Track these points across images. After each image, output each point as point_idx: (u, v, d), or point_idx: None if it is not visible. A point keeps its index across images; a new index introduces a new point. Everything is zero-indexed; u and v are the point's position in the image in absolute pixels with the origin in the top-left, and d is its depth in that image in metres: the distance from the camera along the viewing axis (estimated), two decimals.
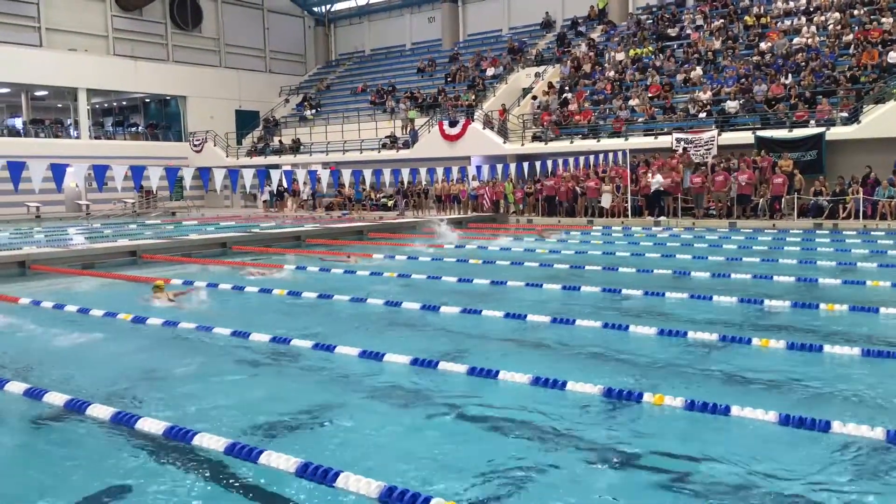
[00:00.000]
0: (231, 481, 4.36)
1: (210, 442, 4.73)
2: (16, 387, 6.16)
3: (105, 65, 37.32)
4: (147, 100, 42.98)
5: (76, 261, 14.77)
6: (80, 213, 33.33)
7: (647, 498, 4.10)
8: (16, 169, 13.69)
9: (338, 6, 48.25)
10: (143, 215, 33.15)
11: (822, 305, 9.02)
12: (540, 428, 5.13)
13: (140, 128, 42.19)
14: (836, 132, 21.92)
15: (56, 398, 5.79)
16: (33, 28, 35.81)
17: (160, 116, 42.82)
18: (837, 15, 27.15)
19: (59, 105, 40.25)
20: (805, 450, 4.67)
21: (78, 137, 36.93)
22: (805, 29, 27.13)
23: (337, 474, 4.14)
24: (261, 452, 4.48)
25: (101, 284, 12.82)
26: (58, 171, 14.49)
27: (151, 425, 5.09)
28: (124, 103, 44.14)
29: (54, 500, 4.16)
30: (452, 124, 30.35)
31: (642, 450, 4.70)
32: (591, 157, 24.12)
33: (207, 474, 4.46)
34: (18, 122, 36.97)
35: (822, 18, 27.60)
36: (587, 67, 31.61)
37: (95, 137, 38.07)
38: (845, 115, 22.14)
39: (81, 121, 36.84)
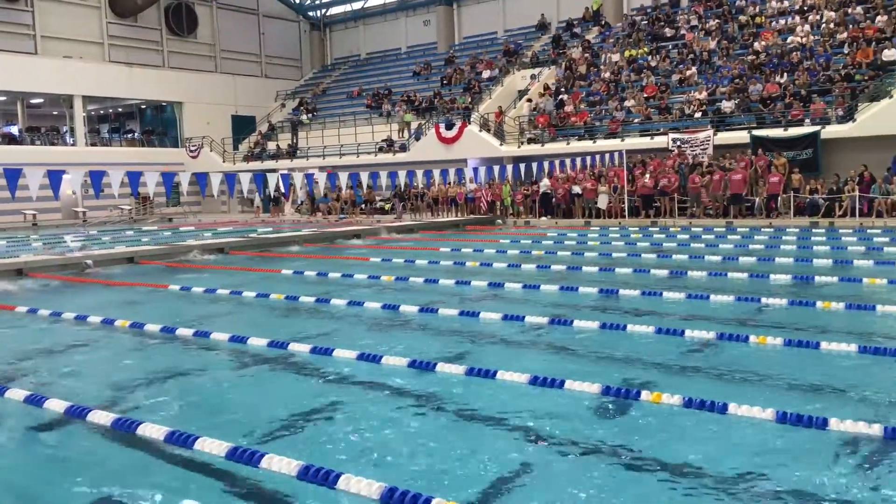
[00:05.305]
0: (232, 486, 4.37)
1: (211, 447, 4.75)
2: (16, 394, 6.17)
3: (100, 71, 37.36)
4: (143, 106, 43.02)
5: (73, 268, 14.77)
6: (77, 220, 33.32)
7: (645, 495, 4.12)
8: (12, 176, 13.70)
9: (333, 10, 48.33)
10: (140, 221, 33.15)
11: (819, 303, 9.06)
12: (538, 427, 5.15)
13: (136, 134, 42.22)
14: (832, 131, 21.98)
15: (56, 405, 5.80)
16: (28, 36, 35.83)
17: (156, 122, 42.85)
18: (832, 13, 27.23)
19: (55, 112, 40.29)
20: (803, 447, 4.69)
21: (74, 144, 36.97)
22: (799, 28, 27.21)
23: (338, 476, 4.16)
24: (262, 456, 4.50)
25: (98, 291, 12.83)
26: (54, 178, 14.50)
27: (152, 431, 5.10)
28: (120, 110, 44.18)
29: None
30: (449, 127, 30.39)
31: (640, 447, 4.72)
32: (588, 159, 24.17)
33: (209, 479, 4.48)
34: (14, 130, 36.99)
35: (817, 17, 27.69)
36: (583, 69, 31.67)
37: (91, 144, 38.11)
38: (840, 113, 22.21)
39: (77, 128, 36.86)
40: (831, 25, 26.63)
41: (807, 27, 27.18)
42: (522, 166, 23.81)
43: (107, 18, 38.62)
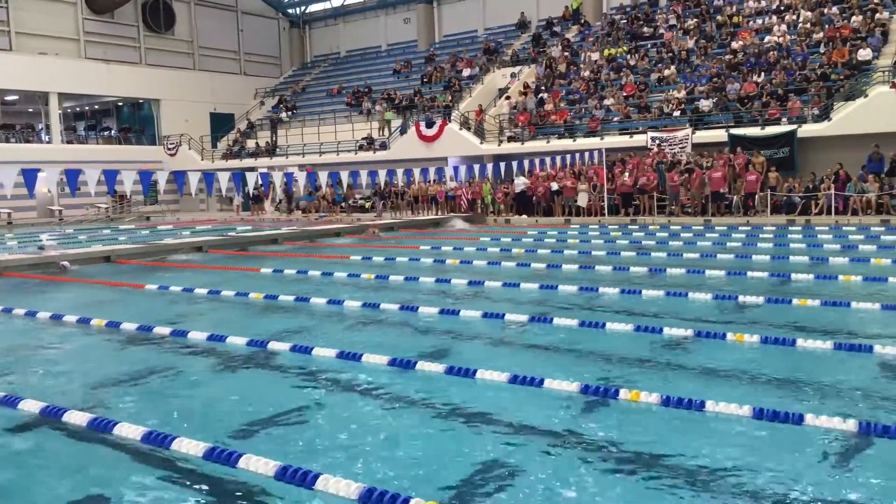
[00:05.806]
0: (210, 486, 4.34)
1: (189, 447, 4.71)
2: None
3: (76, 68, 36.87)
4: (120, 103, 42.53)
5: (49, 268, 14.59)
6: (53, 218, 32.90)
7: (623, 493, 4.14)
8: None
9: (312, 8, 48.06)
10: (117, 220, 32.80)
11: (795, 300, 9.15)
12: (518, 426, 5.16)
13: (113, 132, 41.72)
14: (808, 129, 22.21)
15: (31, 405, 5.73)
16: (3, 32, 35.27)
17: (133, 120, 42.37)
18: (808, 13, 27.51)
19: (31, 109, 39.69)
20: (779, 443, 4.74)
21: (49, 142, 36.46)
22: (776, 27, 27.47)
23: (316, 477, 4.14)
24: (240, 456, 4.46)
25: (74, 290, 12.68)
26: (29, 176, 14.31)
27: (129, 431, 5.05)
28: (97, 107, 43.63)
29: None
30: (429, 125, 30.35)
31: (618, 446, 4.74)
32: (568, 157, 24.25)
33: (186, 480, 4.44)
34: None
35: (793, 17, 27.97)
36: (562, 67, 31.76)
37: (67, 142, 37.63)
38: (816, 112, 22.44)
39: (53, 125, 36.36)
40: (808, 25, 26.90)
41: (783, 27, 27.44)
42: (503, 164, 23.83)
43: (83, 15, 38.11)
